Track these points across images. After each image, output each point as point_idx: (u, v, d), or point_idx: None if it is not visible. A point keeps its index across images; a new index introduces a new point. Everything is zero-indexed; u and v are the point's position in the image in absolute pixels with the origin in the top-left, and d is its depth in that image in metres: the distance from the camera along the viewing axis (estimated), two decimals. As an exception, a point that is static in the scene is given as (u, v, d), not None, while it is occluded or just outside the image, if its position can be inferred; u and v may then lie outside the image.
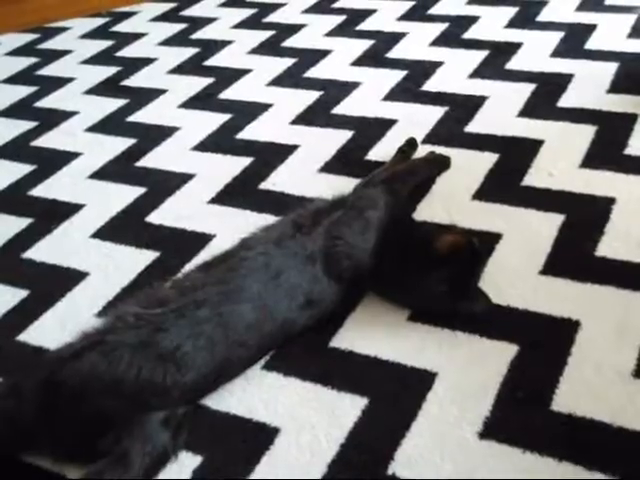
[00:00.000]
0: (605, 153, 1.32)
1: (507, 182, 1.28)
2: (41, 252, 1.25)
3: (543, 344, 0.96)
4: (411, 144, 1.37)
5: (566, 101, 1.50)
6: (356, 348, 0.98)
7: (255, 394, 0.94)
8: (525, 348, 0.95)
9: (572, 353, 0.94)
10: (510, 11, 1.94)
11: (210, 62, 1.88)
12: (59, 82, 1.86)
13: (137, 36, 2.09)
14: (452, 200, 1.24)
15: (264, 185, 1.36)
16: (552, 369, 0.92)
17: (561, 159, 1.32)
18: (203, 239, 1.23)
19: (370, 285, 1.05)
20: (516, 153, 1.35)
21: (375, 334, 1.00)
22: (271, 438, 0.88)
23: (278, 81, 1.73)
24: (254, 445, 0.88)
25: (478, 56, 1.72)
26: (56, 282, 1.17)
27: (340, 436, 0.87)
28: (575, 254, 1.10)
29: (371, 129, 1.48)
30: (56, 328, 1.08)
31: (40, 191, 1.43)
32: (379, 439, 0.87)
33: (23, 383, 0.88)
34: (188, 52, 1.95)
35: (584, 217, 1.17)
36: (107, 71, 1.89)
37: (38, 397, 0.86)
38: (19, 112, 1.74)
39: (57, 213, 1.35)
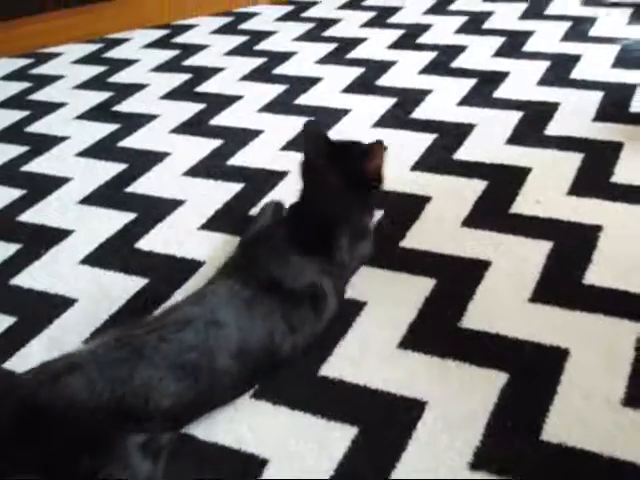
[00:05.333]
0: (592, 181, 1.34)
1: (495, 209, 1.29)
2: (29, 278, 1.24)
3: (532, 372, 0.96)
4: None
5: (553, 129, 1.52)
6: (345, 377, 0.98)
7: (243, 423, 0.93)
8: (515, 376, 0.95)
9: (561, 381, 0.94)
10: (497, 41, 1.98)
11: (201, 88, 1.90)
12: (51, 107, 1.87)
13: (129, 62, 2.11)
14: (441, 227, 1.25)
15: (255, 211, 1.36)
16: (542, 398, 0.92)
17: (548, 187, 1.33)
18: (193, 265, 1.22)
19: None
20: (504, 180, 1.37)
21: (364, 363, 0.99)
22: (260, 469, 0.87)
23: (269, 108, 1.75)
24: (242, 476, 0.87)
25: (466, 84, 1.75)
26: (44, 309, 1.16)
27: (329, 467, 0.86)
28: (563, 282, 1.11)
29: (361, 156, 1.49)
30: (43, 356, 1.05)
31: (29, 216, 1.42)
32: (369, 469, 0.86)
33: None
34: (180, 78, 1.96)
35: (572, 245, 1.18)
36: (99, 96, 1.90)
37: (13, 420, 0.83)
38: (10, 137, 1.74)
39: (46, 238, 1.34)
